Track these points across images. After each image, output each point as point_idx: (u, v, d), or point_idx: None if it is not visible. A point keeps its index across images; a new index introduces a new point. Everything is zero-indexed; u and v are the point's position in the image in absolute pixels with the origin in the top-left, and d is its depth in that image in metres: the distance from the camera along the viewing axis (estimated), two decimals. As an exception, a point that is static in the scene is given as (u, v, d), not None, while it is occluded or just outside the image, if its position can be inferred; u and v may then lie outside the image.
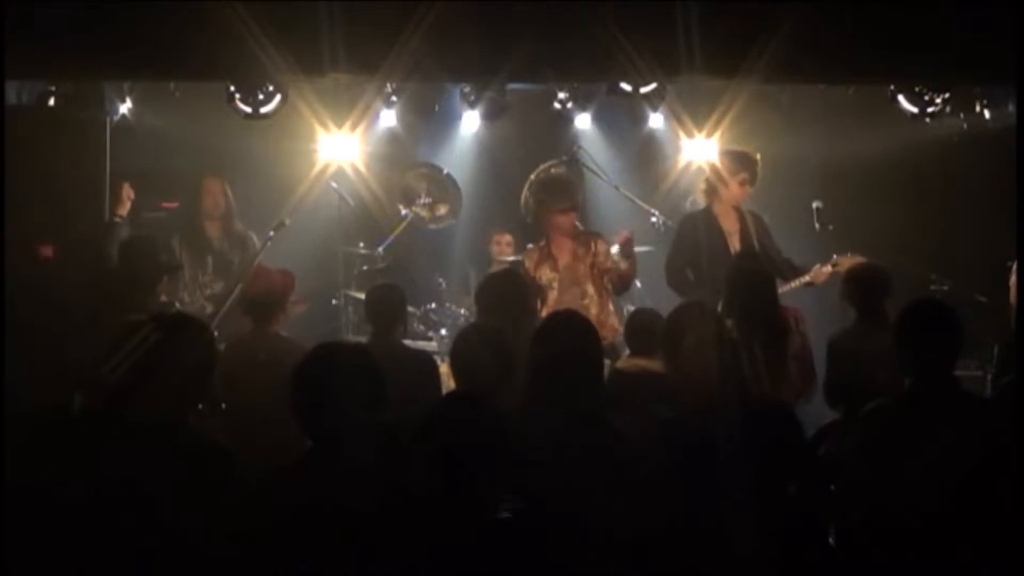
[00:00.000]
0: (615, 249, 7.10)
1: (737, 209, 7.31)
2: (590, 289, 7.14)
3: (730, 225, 7.29)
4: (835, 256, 7.04)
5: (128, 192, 7.30)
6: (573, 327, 4.48)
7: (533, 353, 4.39)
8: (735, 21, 6.25)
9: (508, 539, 3.09)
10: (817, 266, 7.08)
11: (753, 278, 6.05)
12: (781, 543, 3.40)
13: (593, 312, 7.07)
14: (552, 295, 7.11)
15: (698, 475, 3.66)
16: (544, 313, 6.98)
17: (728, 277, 6.15)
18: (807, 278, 7.13)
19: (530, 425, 3.93)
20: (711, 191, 7.36)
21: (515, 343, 5.33)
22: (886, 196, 8.67)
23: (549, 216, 7.20)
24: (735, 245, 7.18)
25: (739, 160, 7.33)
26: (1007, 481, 3.97)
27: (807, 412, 5.85)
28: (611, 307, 7.24)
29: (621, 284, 7.20)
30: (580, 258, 7.18)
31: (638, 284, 7.86)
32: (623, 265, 7.06)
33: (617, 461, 4.09)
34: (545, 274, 7.17)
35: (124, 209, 7.27)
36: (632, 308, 7.46)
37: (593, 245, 7.20)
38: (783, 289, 6.86)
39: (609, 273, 7.16)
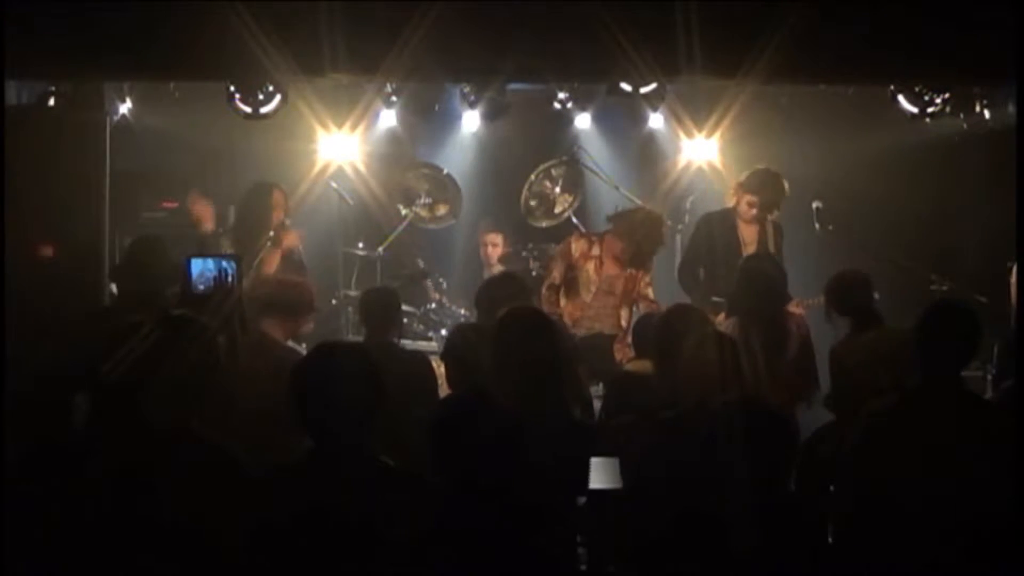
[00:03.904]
0: None
1: (754, 218, 7.30)
2: (626, 310, 7.23)
3: (749, 234, 7.29)
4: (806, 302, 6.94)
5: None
6: (528, 323, 4.60)
7: (494, 351, 4.53)
8: (735, 21, 6.25)
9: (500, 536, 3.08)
10: (794, 301, 6.94)
11: (763, 278, 6.05)
12: (781, 543, 3.40)
13: (623, 329, 7.14)
14: (585, 296, 7.16)
15: (696, 474, 3.67)
16: (574, 310, 7.06)
17: (738, 276, 6.15)
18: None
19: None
20: (735, 194, 7.35)
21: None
22: (886, 196, 8.67)
23: (643, 250, 7.22)
24: (749, 253, 7.16)
25: (755, 183, 7.30)
26: (1007, 481, 3.97)
27: (807, 415, 5.86)
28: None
29: None
30: (626, 277, 7.24)
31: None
32: None
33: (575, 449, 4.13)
34: (587, 270, 7.21)
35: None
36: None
37: (641, 274, 7.30)
38: None
39: (647, 303, 7.23)
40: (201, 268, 5.22)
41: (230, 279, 5.17)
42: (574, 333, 7.00)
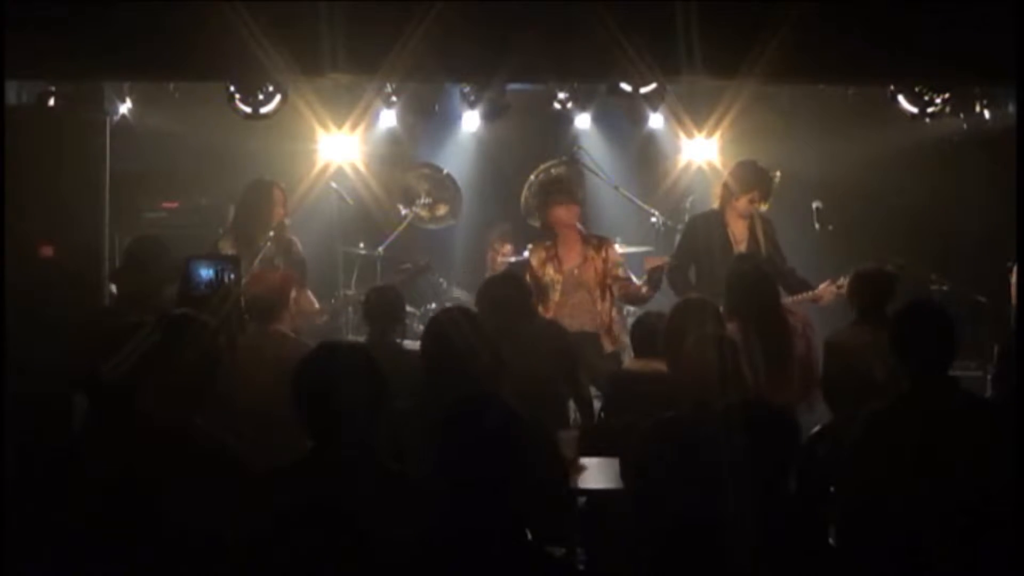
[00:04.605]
0: (644, 277, 7.08)
1: (749, 215, 7.32)
2: (597, 295, 7.12)
3: (739, 231, 7.28)
4: (842, 277, 6.92)
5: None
6: (446, 321, 4.70)
7: (421, 351, 4.68)
8: (735, 21, 6.24)
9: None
10: (825, 283, 7.02)
11: (751, 279, 6.05)
12: (781, 543, 3.40)
13: (600, 319, 7.08)
14: (554, 297, 7.09)
15: (696, 474, 3.66)
16: (548, 314, 7.00)
17: (727, 279, 6.16)
18: (811, 295, 7.06)
19: (423, 419, 4.01)
20: (725, 196, 7.34)
21: (511, 346, 5.35)
22: (886, 196, 8.68)
23: (550, 212, 7.18)
24: (741, 251, 7.16)
25: (751, 177, 7.28)
26: (1007, 480, 3.97)
27: (808, 415, 5.86)
28: (616, 315, 7.22)
29: (631, 300, 7.17)
30: (588, 262, 7.12)
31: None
32: (644, 289, 7.05)
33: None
34: (549, 274, 7.14)
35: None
36: (633, 309, 7.48)
37: (604, 251, 7.16)
38: (786, 300, 6.80)
39: (620, 283, 7.13)
40: (200, 269, 5.23)
41: (229, 280, 5.18)
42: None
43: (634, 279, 7.22)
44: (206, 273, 5.21)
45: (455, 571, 2.95)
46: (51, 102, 7.28)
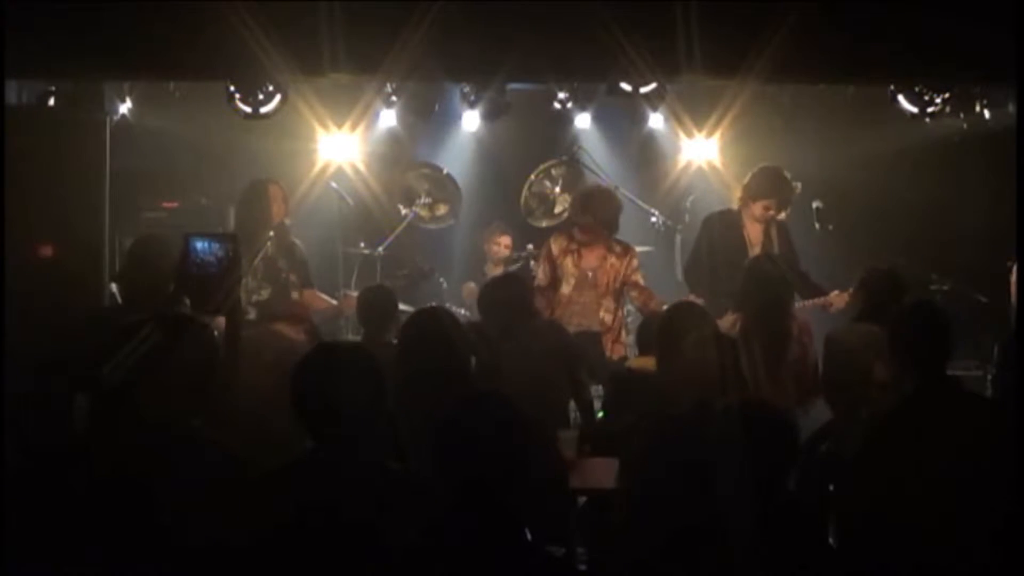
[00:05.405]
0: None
1: (765, 220, 7.31)
2: (608, 301, 7.13)
3: (755, 234, 7.26)
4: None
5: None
6: (429, 317, 4.78)
7: (398, 348, 4.67)
8: (735, 21, 6.25)
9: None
10: (836, 292, 7.01)
11: (766, 280, 6.05)
12: (780, 543, 3.40)
13: (607, 323, 7.09)
14: (565, 291, 7.11)
15: (696, 474, 3.66)
16: (556, 310, 7.03)
17: (744, 277, 6.15)
18: (822, 301, 7.05)
19: (408, 416, 4.01)
20: (743, 199, 7.32)
21: (511, 346, 5.36)
22: (886, 196, 8.68)
23: (576, 226, 7.19)
24: (756, 253, 7.15)
25: (769, 186, 7.23)
26: (1009, 480, 3.97)
27: (808, 416, 5.86)
28: (624, 320, 7.23)
29: (644, 308, 7.18)
30: (607, 267, 7.16)
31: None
32: (663, 305, 7.09)
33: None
34: (567, 266, 7.17)
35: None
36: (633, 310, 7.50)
37: (628, 257, 7.20)
38: (798, 305, 6.79)
39: (641, 291, 7.15)
40: (199, 245, 5.21)
41: (228, 258, 5.15)
42: None
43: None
44: (204, 248, 5.18)
45: (455, 571, 2.95)
46: (51, 102, 7.30)
